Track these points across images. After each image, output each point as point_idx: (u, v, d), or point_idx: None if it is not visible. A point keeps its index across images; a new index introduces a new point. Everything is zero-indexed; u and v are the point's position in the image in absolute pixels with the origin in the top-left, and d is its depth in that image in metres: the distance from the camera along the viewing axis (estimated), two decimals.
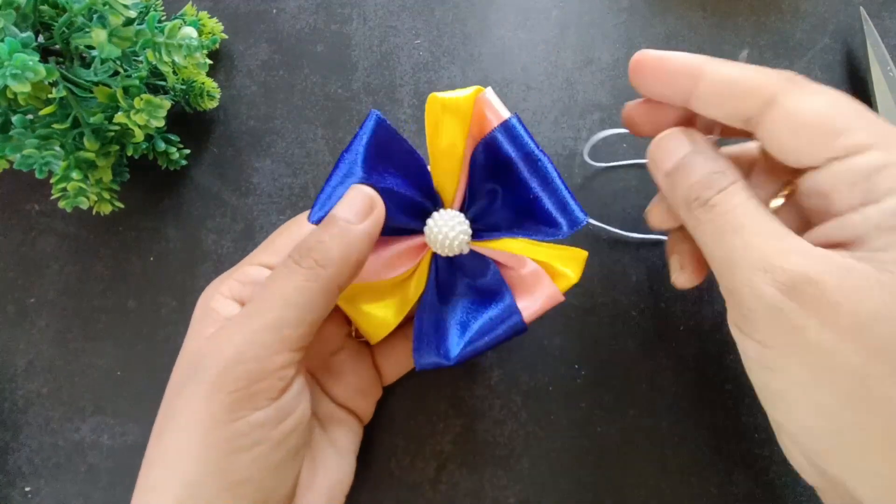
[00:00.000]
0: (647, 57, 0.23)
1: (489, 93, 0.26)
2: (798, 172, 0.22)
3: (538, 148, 0.26)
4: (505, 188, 0.26)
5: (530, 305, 0.26)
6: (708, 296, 0.32)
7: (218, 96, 0.33)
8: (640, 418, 0.30)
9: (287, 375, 0.23)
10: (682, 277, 0.27)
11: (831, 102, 0.21)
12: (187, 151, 0.33)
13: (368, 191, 0.24)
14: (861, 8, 0.34)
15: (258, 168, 0.34)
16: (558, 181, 0.25)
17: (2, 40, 0.24)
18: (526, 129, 0.26)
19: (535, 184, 0.25)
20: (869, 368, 0.19)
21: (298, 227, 0.27)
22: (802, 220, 0.23)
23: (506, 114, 0.26)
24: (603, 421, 0.30)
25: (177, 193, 0.34)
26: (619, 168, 0.34)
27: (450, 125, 0.25)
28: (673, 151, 0.24)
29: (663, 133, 0.24)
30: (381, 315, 0.27)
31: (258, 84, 0.35)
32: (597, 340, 0.31)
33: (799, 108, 0.21)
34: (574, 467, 0.30)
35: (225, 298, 0.25)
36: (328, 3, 0.36)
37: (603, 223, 0.32)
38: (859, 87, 0.34)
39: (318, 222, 0.24)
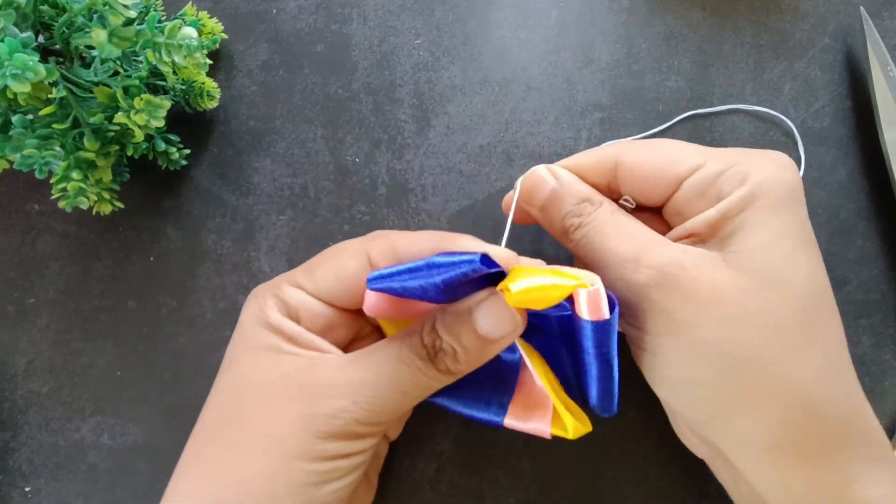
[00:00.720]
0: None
1: (601, 288, 0.22)
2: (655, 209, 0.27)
3: (616, 348, 0.23)
4: (569, 342, 0.26)
5: (519, 418, 0.26)
6: None
7: (218, 96, 0.33)
8: (640, 418, 0.30)
9: (376, 440, 0.24)
10: None
11: (660, 145, 0.26)
12: (187, 151, 0.33)
13: (514, 314, 0.23)
14: (861, 8, 0.34)
15: (258, 168, 0.34)
16: (616, 375, 0.24)
17: (2, 40, 0.24)
18: (615, 328, 0.23)
19: (594, 368, 0.24)
20: (726, 335, 0.22)
21: (341, 259, 0.25)
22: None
23: (606, 313, 0.22)
24: (603, 421, 0.30)
25: (177, 193, 0.34)
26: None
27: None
28: (540, 189, 0.26)
29: (527, 173, 0.27)
30: None
31: (258, 84, 0.35)
32: None
33: (637, 158, 0.25)
34: (574, 467, 0.30)
35: (280, 315, 0.25)
36: (328, 3, 0.36)
37: None
38: (859, 87, 0.34)
39: (372, 289, 0.23)
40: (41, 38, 0.27)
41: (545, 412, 0.26)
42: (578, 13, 0.36)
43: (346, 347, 0.27)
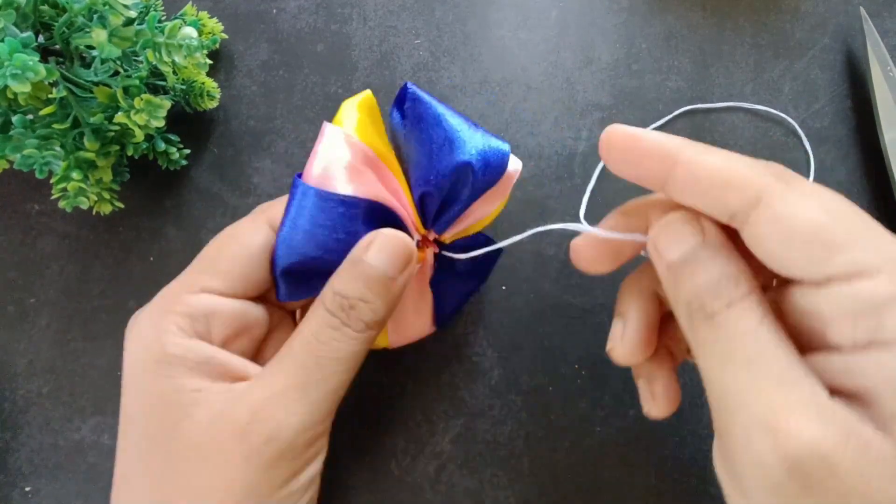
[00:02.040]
0: (618, 133, 0.20)
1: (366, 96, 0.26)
2: (786, 280, 0.19)
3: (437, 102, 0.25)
4: (425, 147, 0.24)
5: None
6: None
7: (218, 96, 0.33)
8: (639, 418, 0.30)
9: (329, 428, 0.22)
10: (655, 408, 0.23)
11: (830, 208, 0.18)
12: (187, 151, 0.33)
13: (405, 239, 0.22)
14: (861, 8, 0.34)
15: (258, 168, 0.34)
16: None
17: (2, 40, 0.24)
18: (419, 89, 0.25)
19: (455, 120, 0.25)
20: None
21: (241, 240, 0.23)
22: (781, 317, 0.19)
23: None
24: (603, 421, 0.30)
25: (177, 193, 0.34)
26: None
27: (365, 126, 0.25)
28: (680, 240, 0.20)
29: (671, 216, 0.20)
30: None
31: (258, 84, 0.35)
32: (597, 340, 0.31)
33: (791, 212, 0.17)
34: (574, 467, 0.30)
35: (186, 338, 0.21)
36: (328, 3, 0.36)
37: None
38: (859, 87, 0.34)
39: (284, 267, 0.22)
40: (41, 38, 0.27)
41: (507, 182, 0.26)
42: (578, 13, 0.36)
43: (264, 340, 0.25)
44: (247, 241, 0.23)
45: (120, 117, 0.28)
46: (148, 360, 0.21)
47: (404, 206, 0.25)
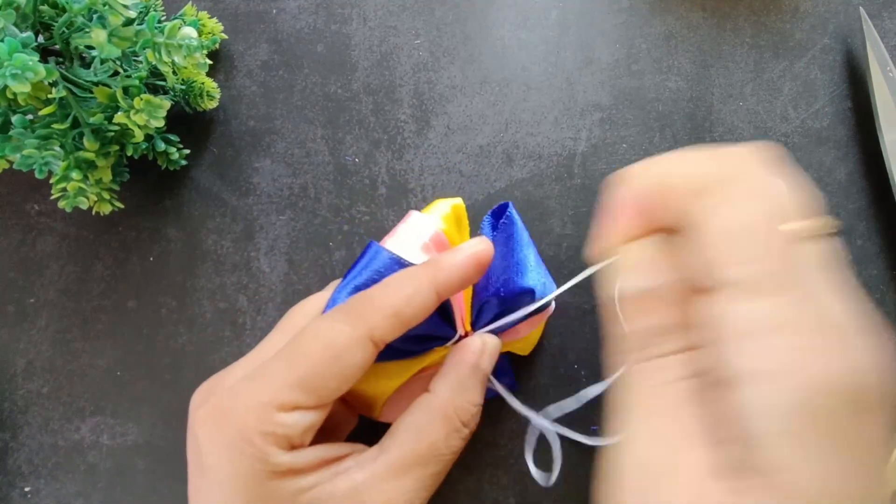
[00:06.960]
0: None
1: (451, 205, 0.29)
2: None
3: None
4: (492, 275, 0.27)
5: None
6: None
7: (218, 96, 0.33)
8: None
9: None
10: None
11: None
12: (187, 151, 0.33)
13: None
14: (861, 8, 0.34)
15: (258, 168, 0.34)
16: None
17: (2, 40, 0.24)
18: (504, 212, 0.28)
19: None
20: None
21: (341, 359, 0.22)
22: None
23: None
24: (602, 421, 0.30)
25: (177, 193, 0.34)
26: (620, 169, 0.34)
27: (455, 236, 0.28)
28: (638, 276, 0.19)
29: (639, 243, 0.20)
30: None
31: (258, 84, 0.35)
32: (597, 340, 0.31)
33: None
34: (574, 468, 0.30)
35: (290, 454, 0.22)
36: (328, 3, 0.36)
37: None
38: (859, 87, 0.34)
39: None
40: (41, 38, 0.27)
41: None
42: (578, 13, 0.36)
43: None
44: (349, 361, 0.22)
45: (120, 117, 0.28)
46: (261, 478, 0.21)
47: (458, 302, 0.28)
